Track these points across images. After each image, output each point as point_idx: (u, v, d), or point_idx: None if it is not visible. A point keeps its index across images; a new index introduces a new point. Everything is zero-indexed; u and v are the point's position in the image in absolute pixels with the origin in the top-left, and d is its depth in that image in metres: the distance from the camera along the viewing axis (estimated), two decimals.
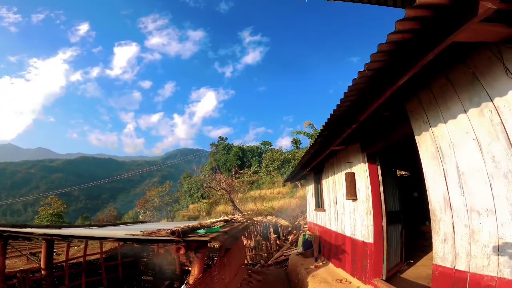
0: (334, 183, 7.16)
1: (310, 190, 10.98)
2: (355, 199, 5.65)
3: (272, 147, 41.17)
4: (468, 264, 2.66)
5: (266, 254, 13.88)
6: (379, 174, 5.19)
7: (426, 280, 4.48)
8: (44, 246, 6.18)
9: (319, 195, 8.98)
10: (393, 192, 5.66)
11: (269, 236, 14.76)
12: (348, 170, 5.90)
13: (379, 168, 5.23)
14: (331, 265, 7.04)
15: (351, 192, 5.64)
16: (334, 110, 3.65)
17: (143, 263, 9.69)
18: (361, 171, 5.42)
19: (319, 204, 8.97)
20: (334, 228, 7.17)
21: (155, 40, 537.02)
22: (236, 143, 44.83)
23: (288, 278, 8.68)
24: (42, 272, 6.14)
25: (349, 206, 6.06)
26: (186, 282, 4.24)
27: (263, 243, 14.26)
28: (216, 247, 5.41)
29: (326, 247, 7.94)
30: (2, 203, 74.72)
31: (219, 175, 26.37)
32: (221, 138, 47.87)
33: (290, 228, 16.03)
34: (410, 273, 5.24)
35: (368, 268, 5.00)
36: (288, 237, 15.00)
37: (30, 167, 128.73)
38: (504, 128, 2.33)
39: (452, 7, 1.84)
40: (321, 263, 7.42)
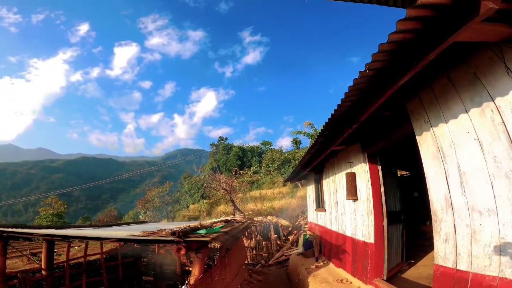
0: (334, 183, 7.16)
1: (310, 190, 10.97)
2: (355, 199, 5.65)
3: (272, 147, 41.14)
4: (470, 264, 2.65)
5: (266, 254, 13.87)
6: (380, 174, 5.19)
7: (427, 280, 4.48)
8: (45, 247, 6.18)
9: (320, 195, 8.97)
10: (393, 192, 5.65)
11: (269, 236, 14.74)
12: (349, 170, 5.89)
13: (379, 168, 5.22)
14: (331, 265, 7.04)
15: (352, 192, 5.64)
16: (335, 110, 3.64)
17: (143, 263, 9.69)
18: (361, 171, 5.42)
19: (320, 204, 8.96)
20: (334, 228, 7.16)
21: (155, 40, 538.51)
22: (236, 143, 44.86)
23: (289, 278, 8.67)
24: (43, 272, 6.14)
25: (349, 206, 6.05)
26: (187, 282, 4.24)
27: (264, 243, 14.25)
28: (216, 247, 5.41)
29: (326, 247, 7.93)
30: (2, 204, 74.75)
31: (220, 175, 26.36)
32: (221, 138, 47.85)
33: (290, 228, 16.02)
34: (411, 273, 5.24)
35: (369, 268, 4.99)
36: (288, 237, 14.99)
37: (31, 167, 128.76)
38: (506, 128, 2.32)
39: (454, 7, 1.83)
40: (321, 263, 7.41)
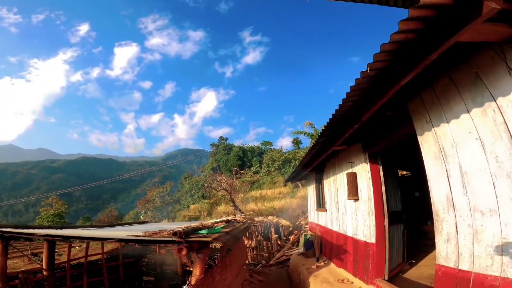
0: (335, 183, 7.16)
1: (311, 190, 10.97)
2: (356, 199, 5.65)
3: (272, 147, 41.20)
4: (472, 264, 2.65)
5: (267, 254, 13.88)
6: (381, 174, 5.19)
7: (429, 280, 4.48)
8: (46, 247, 6.18)
9: (321, 195, 8.97)
10: (394, 192, 5.65)
11: (270, 236, 14.75)
12: (350, 170, 5.89)
13: (380, 168, 5.22)
14: (332, 265, 7.03)
15: (353, 192, 5.64)
16: (336, 110, 3.64)
17: (144, 263, 9.70)
18: (362, 171, 5.42)
19: (321, 204, 8.96)
20: (335, 228, 7.16)
21: (155, 40, 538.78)
22: (237, 143, 44.95)
23: (290, 278, 8.67)
24: (44, 272, 6.13)
25: (350, 206, 6.05)
26: (188, 282, 4.24)
27: (264, 243, 14.26)
28: (217, 247, 5.42)
29: (327, 247, 7.93)
30: (3, 204, 74.83)
31: (220, 175, 26.38)
32: (221, 138, 47.85)
33: (291, 228, 16.03)
34: (412, 273, 5.24)
35: (370, 268, 4.99)
36: (289, 237, 15.00)
37: (31, 167, 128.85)
38: (507, 127, 2.32)
39: (456, 7, 1.83)
40: (322, 263, 7.42)
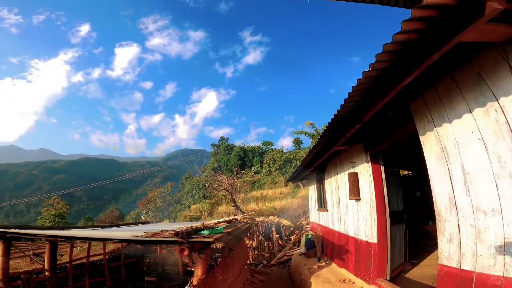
0: (337, 183, 7.15)
1: (312, 190, 10.97)
2: (358, 199, 5.65)
3: (273, 147, 41.28)
4: (474, 264, 2.65)
5: (268, 254, 13.89)
6: (383, 174, 5.19)
7: (431, 280, 4.48)
8: (48, 247, 6.19)
9: (322, 195, 8.97)
10: (396, 192, 5.65)
11: (271, 236, 14.76)
12: (351, 170, 5.89)
13: (382, 168, 5.22)
14: (334, 265, 7.03)
15: (355, 192, 5.64)
16: (338, 111, 3.64)
17: (145, 263, 9.71)
18: (364, 171, 5.42)
19: (322, 204, 8.96)
20: (337, 228, 7.16)
21: (155, 40, 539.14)
22: (238, 143, 45.03)
23: (291, 278, 8.67)
24: (46, 273, 6.14)
25: (352, 206, 6.05)
26: (190, 282, 4.25)
27: (266, 243, 14.27)
28: (219, 247, 5.42)
29: (329, 247, 7.93)
30: (5, 204, 75.03)
31: (221, 175, 26.39)
32: (222, 138, 47.89)
33: (292, 228, 16.04)
34: (414, 273, 5.23)
35: (372, 268, 4.99)
36: (290, 237, 15.01)
37: (33, 168, 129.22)
38: (510, 127, 2.32)
39: (459, 7, 1.83)
40: (324, 263, 7.41)
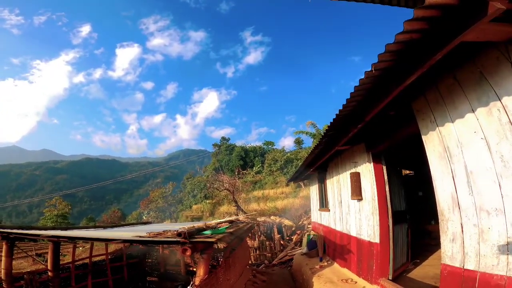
0: (338, 183, 7.15)
1: (314, 190, 10.96)
2: (360, 199, 5.64)
3: (274, 147, 41.29)
4: (478, 263, 2.65)
5: (270, 254, 13.88)
6: (385, 173, 5.18)
7: (433, 280, 4.47)
8: (51, 248, 6.21)
9: (323, 195, 8.97)
10: (398, 192, 5.64)
11: (273, 236, 14.75)
12: (353, 170, 5.89)
13: (384, 167, 5.21)
14: (336, 265, 7.03)
15: (357, 192, 5.63)
16: (340, 110, 3.64)
17: (148, 264, 9.73)
18: (366, 170, 5.41)
19: (324, 204, 8.96)
20: (339, 228, 7.16)
21: (156, 41, 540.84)
22: (239, 143, 45.13)
23: (293, 278, 8.67)
24: (49, 273, 6.17)
25: (354, 206, 6.05)
26: (192, 283, 4.26)
27: (267, 243, 14.26)
28: (221, 247, 5.42)
29: (331, 247, 7.93)
30: (7, 205, 75.41)
31: (222, 176, 26.42)
32: (223, 138, 47.94)
33: (294, 228, 16.01)
34: (416, 272, 5.22)
35: (374, 268, 4.99)
36: (292, 237, 14.99)
37: (35, 168, 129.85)
38: None
39: (461, 7, 1.83)
40: (326, 263, 7.41)
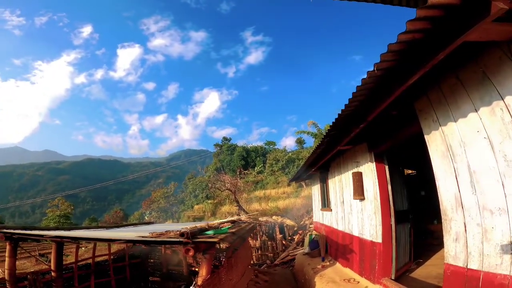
0: (340, 183, 7.15)
1: (316, 189, 10.96)
2: (362, 199, 5.64)
3: (276, 147, 41.20)
4: (481, 263, 2.65)
5: (272, 254, 13.89)
6: (387, 173, 5.17)
7: (436, 280, 4.47)
8: (54, 248, 6.24)
9: (325, 195, 8.96)
10: (401, 191, 5.64)
11: (275, 236, 14.76)
12: (355, 170, 5.89)
13: (386, 167, 5.21)
14: (338, 265, 7.03)
15: (359, 191, 5.63)
16: (342, 110, 3.65)
17: (150, 264, 9.76)
18: (368, 170, 5.41)
19: (326, 204, 8.95)
20: (341, 227, 7.15)
21: (157, 41, 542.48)
22: (240, 143, 45.06)
23: (295, 278, 8.68)
24: (52, 273, 6.20)
25: (356, 205, 6.04)
26: (194, 283, 4.27)
27: (269, 243, 14.27)
28: (223, 248, 5.43)
29: (333, 247, 7.92)
30: (10, 205, 75.78)
31: (224, 176, 26.40)
32: (225, 138, 47.88)
33: (295, 228, 16.01)
34: (419, 272, 5.22)
35: (376, 267, 4.99)
36: (294, 237, 14.98)
37: (37, 169, 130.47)
38: None
39: (464, 7, 1.83)
40: (328, 263, 7.41)
